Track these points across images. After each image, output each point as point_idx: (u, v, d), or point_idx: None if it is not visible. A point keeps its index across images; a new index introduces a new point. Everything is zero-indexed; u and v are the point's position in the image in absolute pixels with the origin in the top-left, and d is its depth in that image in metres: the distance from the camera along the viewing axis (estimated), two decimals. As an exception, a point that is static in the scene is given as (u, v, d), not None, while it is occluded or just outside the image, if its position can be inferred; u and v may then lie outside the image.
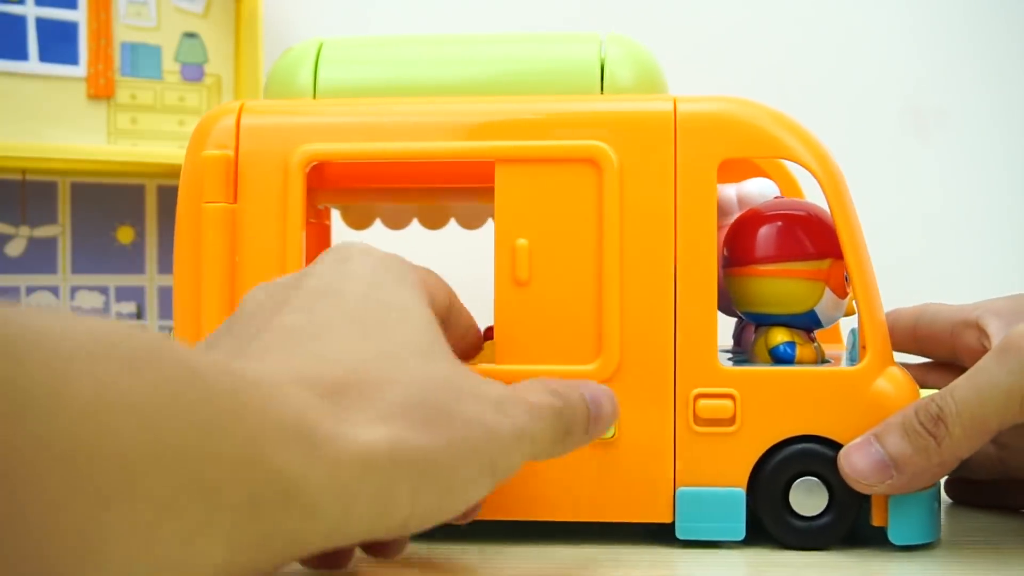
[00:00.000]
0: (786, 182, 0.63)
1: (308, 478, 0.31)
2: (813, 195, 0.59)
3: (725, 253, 0.52)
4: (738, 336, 0.63)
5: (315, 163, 0.50)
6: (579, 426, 0.42)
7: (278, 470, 0.30)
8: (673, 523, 0.49)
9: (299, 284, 0.40)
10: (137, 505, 0.25)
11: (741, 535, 0.48)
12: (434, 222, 0.65)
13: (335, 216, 0.68)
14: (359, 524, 0.33)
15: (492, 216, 0.65)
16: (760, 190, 0.61)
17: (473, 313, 0.50)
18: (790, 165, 0.63)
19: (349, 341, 0.37)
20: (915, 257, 0.85)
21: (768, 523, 0.48)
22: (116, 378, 0.25)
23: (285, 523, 0.30)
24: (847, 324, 0.54)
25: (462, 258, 0.80)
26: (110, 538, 0.24)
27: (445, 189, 0.60)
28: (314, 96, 0.53)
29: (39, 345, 0.24)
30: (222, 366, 0.30)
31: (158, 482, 0.26)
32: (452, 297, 0.46)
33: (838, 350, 0.59)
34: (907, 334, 0.56)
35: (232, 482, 0.28)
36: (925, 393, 0.50)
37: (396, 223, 0.65)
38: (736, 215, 0.55)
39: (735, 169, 0.62)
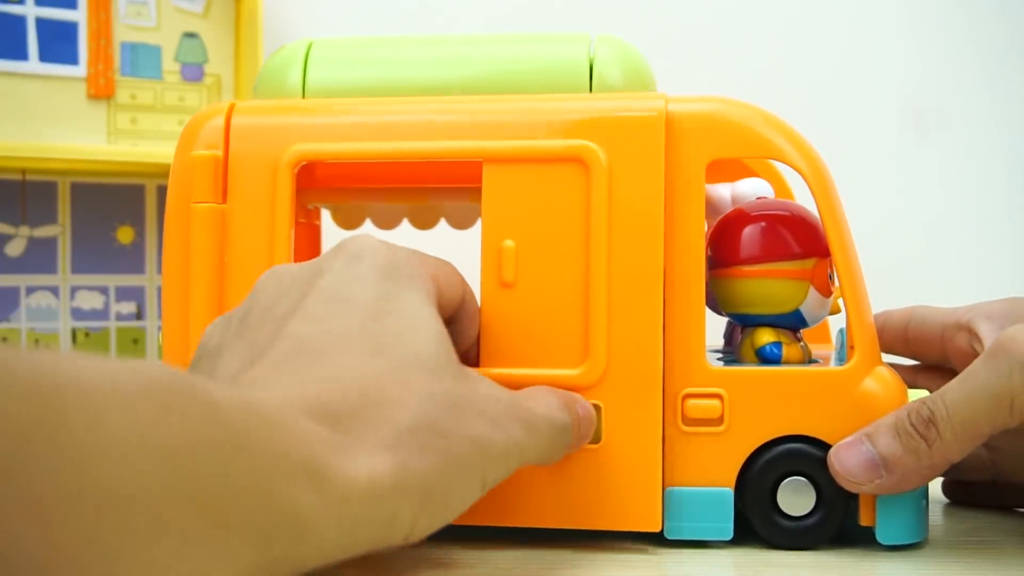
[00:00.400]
0: (776, 182, 0.63)
1: (317, 512, 0.32)
2: (804, 196, 0.59)
3: (709, 254, 0.52)
4: (729, 336, 0.63)
5: (304, 163, 0.50)
6: (571, 439, 0.44)
7: (289, 506, 0.31)
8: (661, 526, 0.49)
9: (313, 282, 0.41)
10: (161, 539, 0.27)
11: (729, 535, 0.48)
12: (424, 222, 0.65)
13: (325, 216, 0.68)
14: (363, 545, 0.35)
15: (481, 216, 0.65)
16: (754, 190, 0.61)
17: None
18: (779, 165, 0.63)
19: (357, 357, 0.38)
20: (915, 257, 0.85)
21: (756, 523, 0.48)
22: (149, 422, 0.27)
23: (293, 551, 0.32)
24: (835, 323, 0.54)
25: (453, 257, 0.80)
26: (135, 570, 0.26)
27: (435, 189, 0.60)
28: (303, 96, 0.53)
29: (77, 391, 0.25)
30: (239, 402, 0.32)
31: (181, 518, 0.27)
32: (465, 291, 0.46)
33: (826, 350, 0.59)
34: (898, 336, 0.56)
35: (247, 517, 0.30)
36: (915, 394, 0.50)
37: (386, 223, 0.65)
38: (723, 215, 0.55)
39: (728, 169, 0.62)
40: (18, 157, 0.93)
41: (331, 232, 0.68)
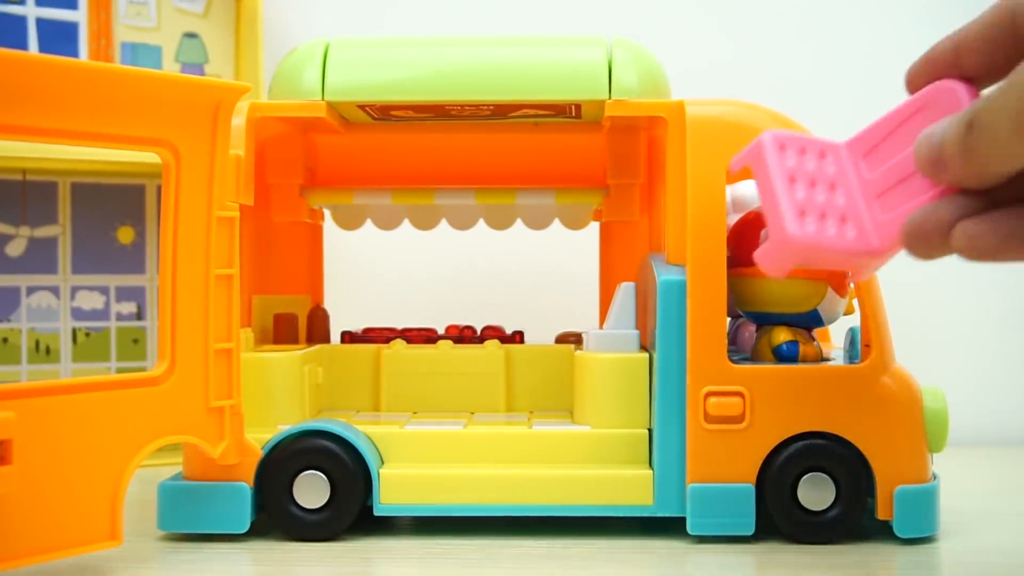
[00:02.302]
0: None
1: None
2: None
3: (728, 254, 0.53)
4: (733, 336, 0.63)
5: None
6: None
7: None
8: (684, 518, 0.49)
9: None
10: None
11: (751, 530, 0.49)
12: (425, 223, 0.66)
13: (323, 216, 0.68)
14: None
15: (483, 217, 0.66)
16: (754, 191, 0.61)
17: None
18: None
19: None
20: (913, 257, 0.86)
21: (777, 518, 0.49)
22: None
23: None
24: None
25: (453, 257, 0.81)
26: None
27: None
28: (323, 96, 0.53)
29: None
30: None
31: None
32: None
33: (826, 348, 0.60)
34: (1002, 31, 0.40)
35: None
36: (926, 393, 0.50)
37: (387, 224, 0.66)
38: (731, 216, 0.56)
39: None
40: (18, 157, 0.92)
41: (332, 232, 0.68)
